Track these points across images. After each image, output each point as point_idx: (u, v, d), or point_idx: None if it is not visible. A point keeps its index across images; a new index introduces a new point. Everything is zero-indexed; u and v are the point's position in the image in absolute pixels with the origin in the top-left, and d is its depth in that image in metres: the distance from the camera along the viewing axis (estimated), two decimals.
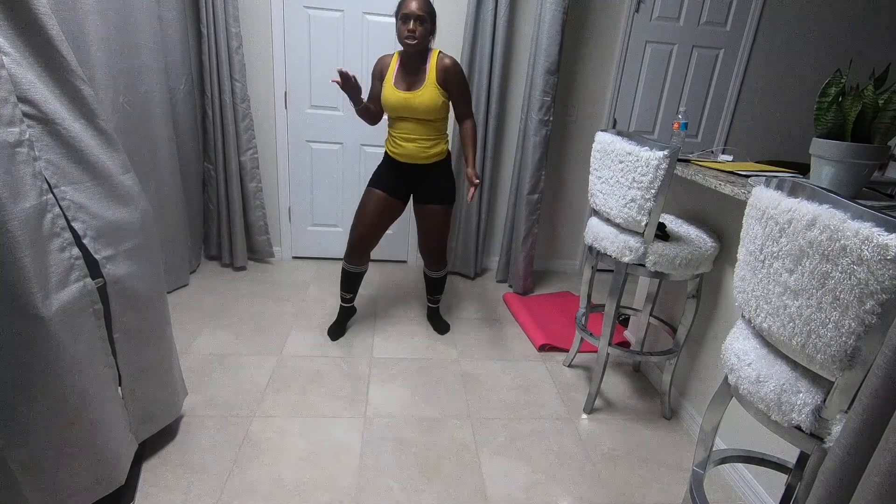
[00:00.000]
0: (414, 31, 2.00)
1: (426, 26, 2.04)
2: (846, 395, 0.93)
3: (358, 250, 2.32)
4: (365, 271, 2.43)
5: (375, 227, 2.30)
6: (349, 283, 2.43)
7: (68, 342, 1.19)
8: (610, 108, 3.23)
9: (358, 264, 2.37)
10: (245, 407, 1.95)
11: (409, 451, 1.81)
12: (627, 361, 2.51)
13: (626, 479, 1.76)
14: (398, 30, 2.05)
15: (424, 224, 2.35)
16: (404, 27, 2.01)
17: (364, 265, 2.40)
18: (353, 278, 2.42)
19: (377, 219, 2.28)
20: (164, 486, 1.58)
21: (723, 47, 3.19)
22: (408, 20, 2.00)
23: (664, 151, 1.62)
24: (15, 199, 1.06)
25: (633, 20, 3.06)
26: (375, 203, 2.27)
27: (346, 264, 2.37)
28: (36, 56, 1.15)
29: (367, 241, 2.31)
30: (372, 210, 2.27)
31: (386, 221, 2.32)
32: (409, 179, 2.29)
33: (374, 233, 2.30)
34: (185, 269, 2.89)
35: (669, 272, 1.79)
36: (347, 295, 2.48)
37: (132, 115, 2.39)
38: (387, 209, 2.29)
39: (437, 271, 2.50)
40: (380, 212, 2.28)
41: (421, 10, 2.00)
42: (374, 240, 2.33)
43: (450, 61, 2.11)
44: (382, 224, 2.31)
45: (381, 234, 2.34)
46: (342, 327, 2.53)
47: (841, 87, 1.41)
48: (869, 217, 0.85)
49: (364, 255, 2.35)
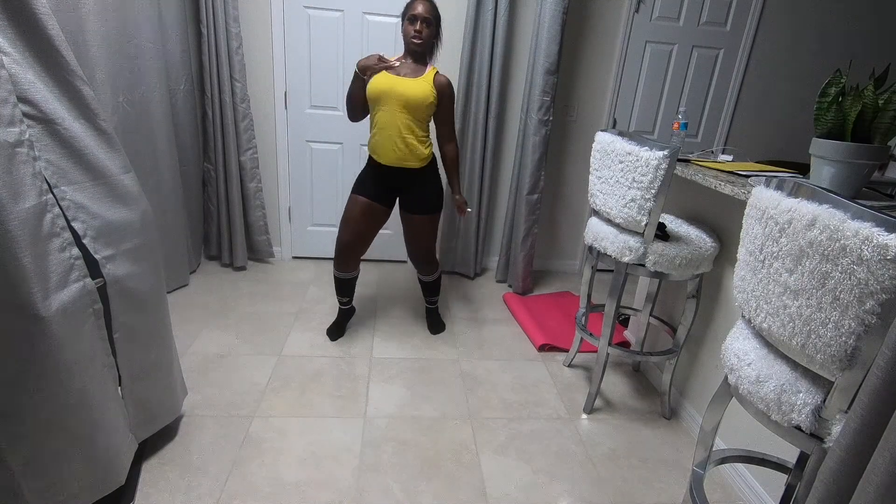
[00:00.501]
0: (420, 32, 2.06)
1: (431, 29, 2.10)
2: (846, 395, 0.93)
3: (345, 257, 2.30)
4: (356, 276, 2.42)
5: (361, 234, 2.27)
6: (342, 289, 2.43)
7: (68, 342, 1.19)
8: (610, 108, 3.24)
9: (347, 270, 2.35)
10: (245, 407, 1.95)
11: (409, 451, 1.81)
12: (627, 361, 2.51)
13: (626, 479, 1.76)
14: (404, 30, 2.10)
15: (410, 232, 2.33)
16: (411, 27, 2.07)
17: (354, 271, 2.38)
18: (345, 284, 2.41)
19: (362, 226, 2.25)
20: (164, 486, 1.58)
21: (723, 47, 3.19)
22: (415, 21, 2.06)
23: (664, 151, 1.62)
24: (15, 199, 1.06)
25: (633, 20, 3.06)
26: (360, 210, 2.24)
27: (337, 272, 2.36)
28: (36, 56, 1.15)
29: (353, 248, 2.28)
30: (357, 217, 2.24)
31: (371, 228, 2.29)
32: (394, 185, 2.25)
33: (359, 239, 2.28)
34: (185, 269, 2.89)
35: (669, 272, 1.79)
36: (343, 298, 2.48)
37: (132, 115, 2.39)
38: (371, 215, 2.25)
39: (428, 275, 2.50)
40: (364, 219, 2.24)
41: (427, 13, 2.06)
42: (362, 246, 2.31)
43: (446, 80, 2.15)
44: (368, 231, 2.28)
45: (368, 241, 2.32)
46: (342, 328, 2.53)
47: (841, 87, 1.41)
48: (869, 217, 0.85)
49: (352, 261, 2.33)
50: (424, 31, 2.07)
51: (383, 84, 2.08)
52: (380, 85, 2.08)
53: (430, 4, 2.08)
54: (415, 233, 2.32)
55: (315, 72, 3.01)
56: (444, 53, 3.01)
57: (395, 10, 2.92)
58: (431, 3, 2.09)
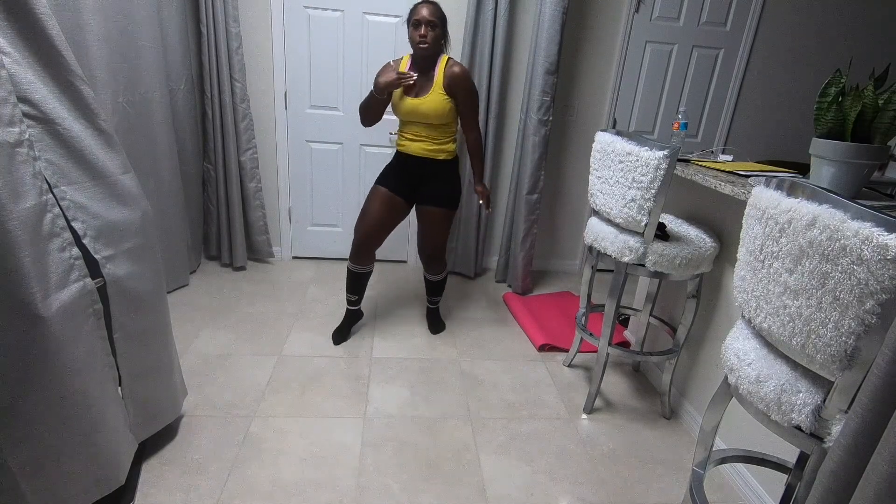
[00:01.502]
0: (425, 35, 2.05)
1: (437, 31, 2.09)
2: (846, 395, 0.93)
3: (363, 249, 2.31)
4: (369, 272, 2.41)
5: (380, 226, 2.28)
6: (355, 284, 2.41)
7: (68, 342, 1.19)
8: (610, 108, 3.23)
9: (363, 264, 2.36)
10: (245, 407, 1.95)
11: (409, 451, 1.81)
12: (627, 361, 2.51)
13: (626, 479, 1.76)
14: (410, 36, 2.09)
15: (423, 225, 2.35)
16: (416, 32, 2.06)
17: (370, 265, 2.38)
18: (359, 279, 2.40)
19: (382, 216, 2.27)
20: (164, 486, 1.58)
21: (723, 47, 3.19)
22: (419, 26, 2.05)
23: (664, 151, 1.62)
24: (15, 199, 1.06)
25: (633, 20, 3.06)
26: (380, 200, 2.27)
27: (352, 264, 2.36)
28: (36, 56, 1.15)
29: (371, 239, 2.29)
30: (377, 207, 2.27)
31: (391, 220, 2.31)
32: (414, 179, 2.28)
33: (378, 231, 2.29)
34: (185, 269, 2.89)
35: (669, 272, 1.79)
36: (353, 297, 2.45)
37: (132, 115, 2.39)
38: (391, 207, 2.28)
39: (435, 274, 2.51)
40: (384, 209, 2.27)
41: (432, 15, 2.06)
42: (379, 239, 2.32)
43: (459, 69, 2.12)
44: (387, 223, 2.30)
45: (385, 234, 2.33)
46: (346, 333, 2.49)
47: (841, 87, 1.41)
48: (869, 217, 0.85)
49: (369, 254, 2.34)
50: (430, 35, 2.06)
51: (404, 108, 2.15)
52: (403, 108, 2.16)
53: (434, 7, 2.08)
54: (429, 227, 2.32)
55: (315, 72, 3.01)
56: None
57: (395, 11, 2.92)
58: (436, 6, 2.08)
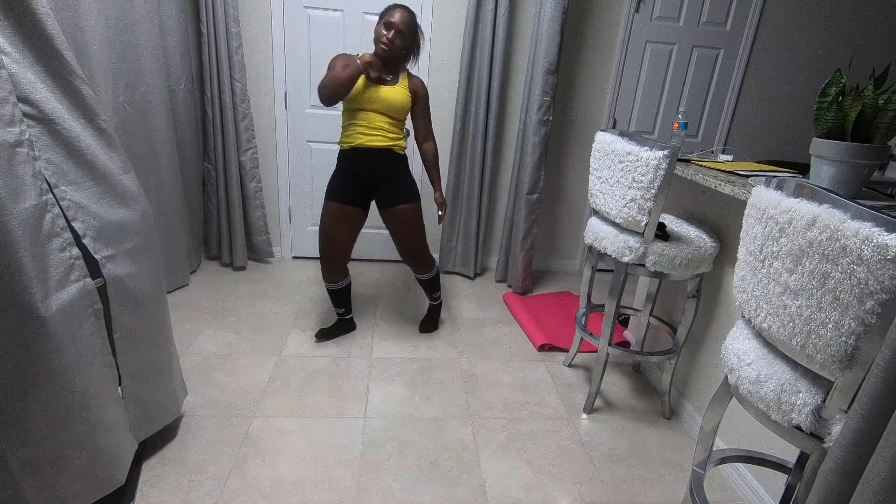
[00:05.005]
0: (392, 40, 2.02)
1: (405, 40, 2.06)
2: (846, 395, 0.93)
3: (330, 266, 2.28)
4: (347, 286, 2.39)
5: (339, 243, 2.24)
6: (337, 299, 2.40)
7: (68, 342, 1.19)
8: (610, 108, 3.24)
9: (336, 280, 2.33)
10: (245, 407, 1.95)
11: (409, 451, 1.81)
12: (627, 361, 2.51)
13: (626, 479, 1.76)
14: (377, 32, 2.04)
15: (396, 228, 2.28)
16: (383, 32, 2.02)
17: (342, 280, 2.35)
18: (339, 294, 2.38)
19: (339, 234, 2.22)
20: (164, 486, 1.58)
21: (723, 47, 3.19)
22: (389, 28, 2.01)
23: (664, 151, 1.62)
24: (15, 199, 1.06)
25: (633, 20, 3.06)
26: (333, 216, 2.21)
27: (326, 283, 2.34)
28: (36, 56, 1.15)
29: (335, 258, 2.26)
30: (332, 224, 2.21)
31: (349, 235, 2.25)
32: (366, 181, 2.21)
33: (340, 248, 2.25)
34: (185, 269, 2.89)
35: (669, 272, 1.79)
36: (340, 309, 2.45)
37: (132, 115, 2.39)
38: (347, 222, 2.22)
39: (426, 272, 2.44)
40: (341, 225, 2.22)
41: (403, 24, 2.02)
42: (344, 255, 2.28)
43: (419, 80, 2.20)
44: (346, 239, 2.25)
45: (349, 248, 2.28)
46: (330, 334, 2.47)
47: (841, 87, 1.41)
48: (869, 217, 0.85)
49: (339, 270, 2.30)
50: (396, 41, 2.02)
51: (371, 93, 2.07)
52: (368, 94, 2.07)
53: (408, 15, 2.04)
54: (402, 227, 2.26)
55: (315, 72, 3.01)
56: (445, 53, 3.02)
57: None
58: (410, 14, 2.05)
